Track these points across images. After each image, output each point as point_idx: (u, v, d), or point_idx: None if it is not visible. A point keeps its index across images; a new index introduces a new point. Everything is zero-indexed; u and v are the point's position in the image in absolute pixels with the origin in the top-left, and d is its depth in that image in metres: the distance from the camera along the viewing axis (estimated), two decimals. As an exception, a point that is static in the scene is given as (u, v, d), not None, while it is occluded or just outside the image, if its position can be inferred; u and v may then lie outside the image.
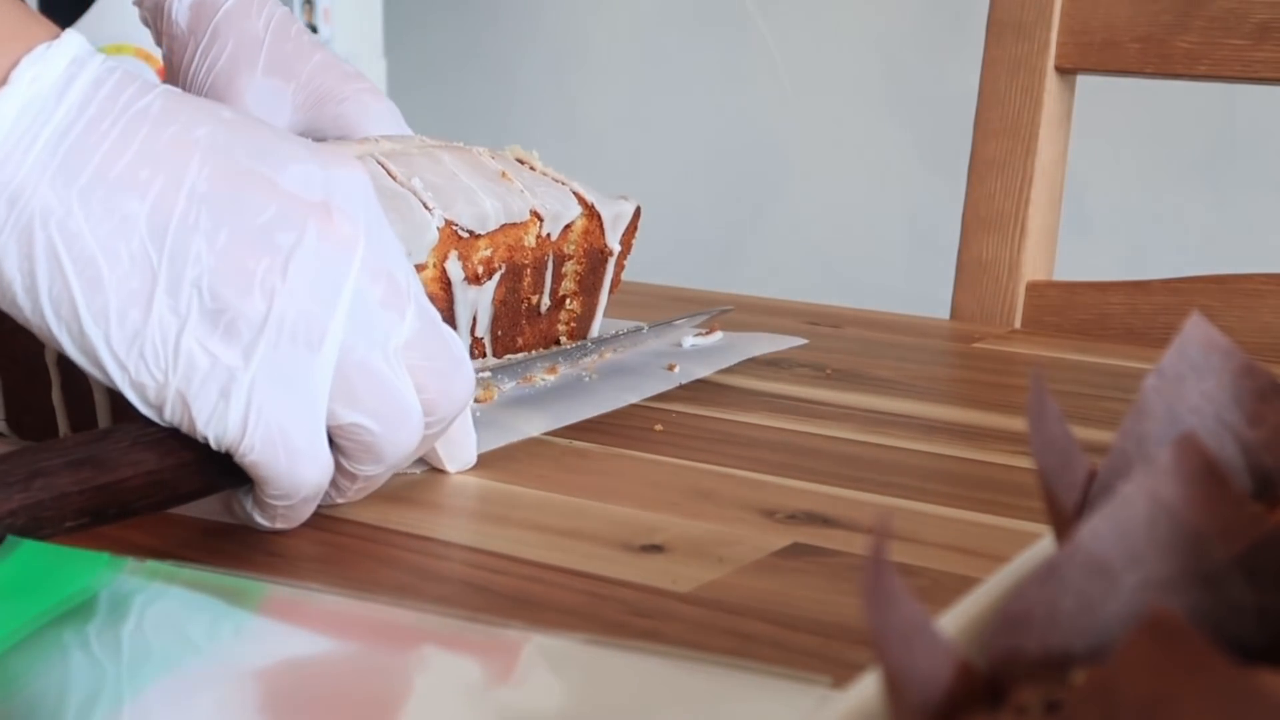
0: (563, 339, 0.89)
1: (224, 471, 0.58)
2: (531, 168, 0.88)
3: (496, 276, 0.82)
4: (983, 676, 0.33)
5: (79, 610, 0.51)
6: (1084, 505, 0.39)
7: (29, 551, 0.53)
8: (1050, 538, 0.40)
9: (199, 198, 0.56)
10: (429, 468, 0.68)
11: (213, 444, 0.56)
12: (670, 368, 0.83)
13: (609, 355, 0.83)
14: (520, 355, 0.82)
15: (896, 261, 1.86)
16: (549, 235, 0.85)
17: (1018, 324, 1.04)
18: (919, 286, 1.59)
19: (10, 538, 0.53)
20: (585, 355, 0.82)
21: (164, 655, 0.49)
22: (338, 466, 0.59)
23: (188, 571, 0.53)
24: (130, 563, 0.53)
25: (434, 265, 0.78)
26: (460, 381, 0.60)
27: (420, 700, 0.46)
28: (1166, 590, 0.33)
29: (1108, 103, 1.62)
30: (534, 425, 0.73)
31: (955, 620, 0.36)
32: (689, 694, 0.46)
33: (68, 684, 0.47)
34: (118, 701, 0.46)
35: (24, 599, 0.51)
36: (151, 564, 0.53)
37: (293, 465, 0.57)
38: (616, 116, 2.08)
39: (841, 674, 0.47)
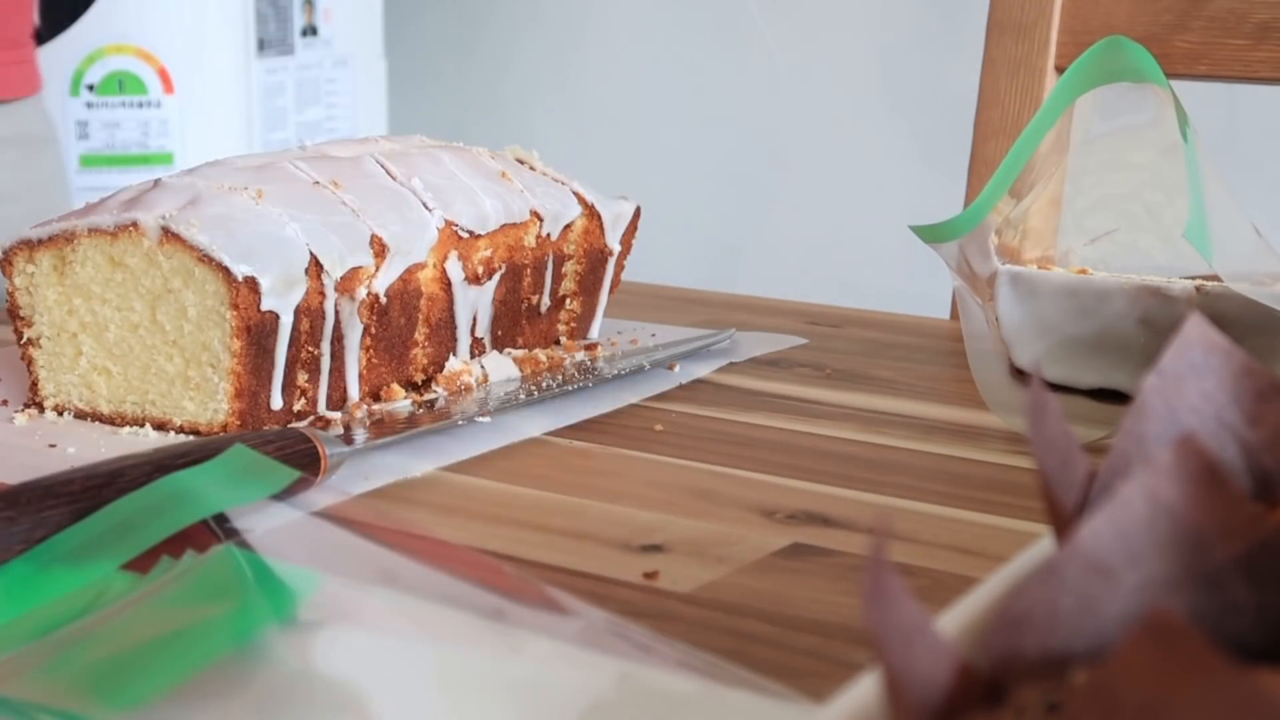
0: (562, 339, 0.89)
1: None
2: (531, 168, 0.88)
3: (496, 276, 0.82)
4: (983, 676, 0.33)
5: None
6: (1084, 505, 0.39)
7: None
8: (1050, 538, 0.40)
9: None
10: (429, 468, 0.68)
11: None
12: (670, 367, 0.83)
13: (610, 374, 0.83)
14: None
15: (896, 261, 1.85)
16: (549, 235, 0.85)
17: (1018, 324, 1.04)
18: (919, 286, 1.58)
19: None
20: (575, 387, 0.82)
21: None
22: None
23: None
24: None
25: (434, 265, 0.78)
26: None
27: (429, 691, 0.46)
28: (1166, 590, 0.33)
29: (1108, 103, 1.62)
30: (534, 425, 0.73)
31: (955, 620, 0.36)
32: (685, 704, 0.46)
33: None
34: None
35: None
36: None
37: None
38: (617, 116, 2.08)
39: (841, 674, 0.47)
